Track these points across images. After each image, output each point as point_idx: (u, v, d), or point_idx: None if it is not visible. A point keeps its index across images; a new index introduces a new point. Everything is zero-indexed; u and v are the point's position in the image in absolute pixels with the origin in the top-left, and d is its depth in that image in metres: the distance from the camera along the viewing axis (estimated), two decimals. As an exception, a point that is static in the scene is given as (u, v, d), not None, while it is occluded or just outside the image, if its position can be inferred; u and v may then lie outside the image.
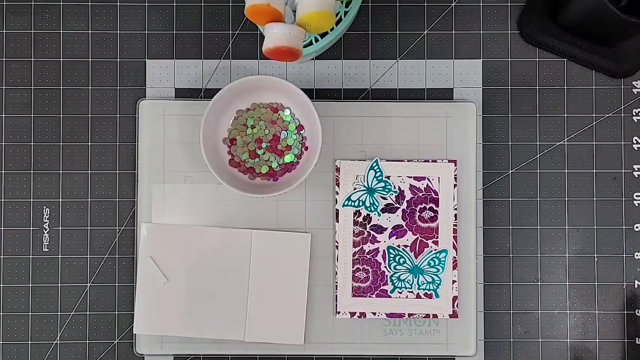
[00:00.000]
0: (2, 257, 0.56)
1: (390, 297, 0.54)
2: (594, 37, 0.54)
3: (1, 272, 0.56)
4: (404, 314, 0.54)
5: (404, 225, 0.54)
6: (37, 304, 0.55)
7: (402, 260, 0.54)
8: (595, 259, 0.56)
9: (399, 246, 0.54)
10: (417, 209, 0.54)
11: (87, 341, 0.55)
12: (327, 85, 0.56)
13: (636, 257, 0.56)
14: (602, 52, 0.55)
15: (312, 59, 0.56)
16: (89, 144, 0.56)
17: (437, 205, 0.54)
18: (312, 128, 0.52)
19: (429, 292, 0.54)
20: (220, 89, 0.50)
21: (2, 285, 0.56)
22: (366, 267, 0.54)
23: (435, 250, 0.54)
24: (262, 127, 0.53)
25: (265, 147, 0.54)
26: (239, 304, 0.54)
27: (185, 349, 0.54)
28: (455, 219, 0.54)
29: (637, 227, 0.56)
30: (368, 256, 0.54)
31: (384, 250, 0.54)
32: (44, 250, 0.56)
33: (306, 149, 0.54)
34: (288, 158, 0.53)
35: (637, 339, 0.56)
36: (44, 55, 0.56)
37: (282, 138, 0.53)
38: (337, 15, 0.52)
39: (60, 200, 0.56)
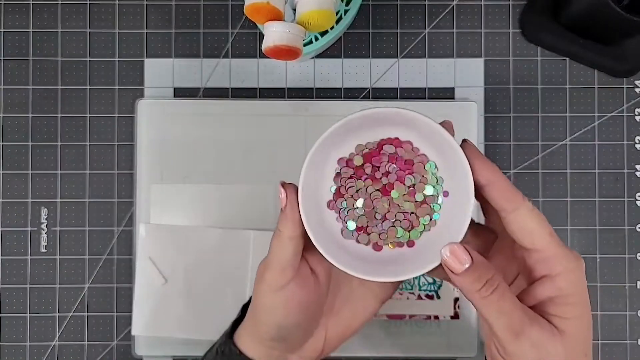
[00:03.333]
0: (-1, 257, 0.55)
1: (391, 298, 0.53)
2: (596, 36, 0.54)
3: (-1, 273, 0.55)
4: (405, 315, 0.53)
5: (405, 225, 0.54)
6: (35, 305, 0.55)
7: (402, 260, 0.53)
8: (598, 260, 0.55)
9: (399, 247, 0.53)
10: (418, 209, 0.54)
11: (86, 342, 0.55)
12: (327, 84, 0.56)
13: (639, 258, 0.55)
14: (604, 51, 0.55)
15: (312, 57, 0.56)
16: (87, 143, 0.56)
17: (438, 206, 0.54)
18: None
19: (430, 294, 0.53)
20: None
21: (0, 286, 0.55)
22: (367, 268, 0.53)
23: (436, 250, 0.53)
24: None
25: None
26: (239, 305, 0.53)
27: (185, 350, 0.54)
28: (457, 220, 0.53)
29: (639, 228, 0.56)
30: (368, 257, 0.54)
31: (384, 251, 0.53)
32: (41, 250, 0.55)
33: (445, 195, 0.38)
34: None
35: (639, 340, 0.55)
36: (42, 54, 0.56)
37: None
38: (337, 13, 0.52)
39: (59, 200, 0.56)
